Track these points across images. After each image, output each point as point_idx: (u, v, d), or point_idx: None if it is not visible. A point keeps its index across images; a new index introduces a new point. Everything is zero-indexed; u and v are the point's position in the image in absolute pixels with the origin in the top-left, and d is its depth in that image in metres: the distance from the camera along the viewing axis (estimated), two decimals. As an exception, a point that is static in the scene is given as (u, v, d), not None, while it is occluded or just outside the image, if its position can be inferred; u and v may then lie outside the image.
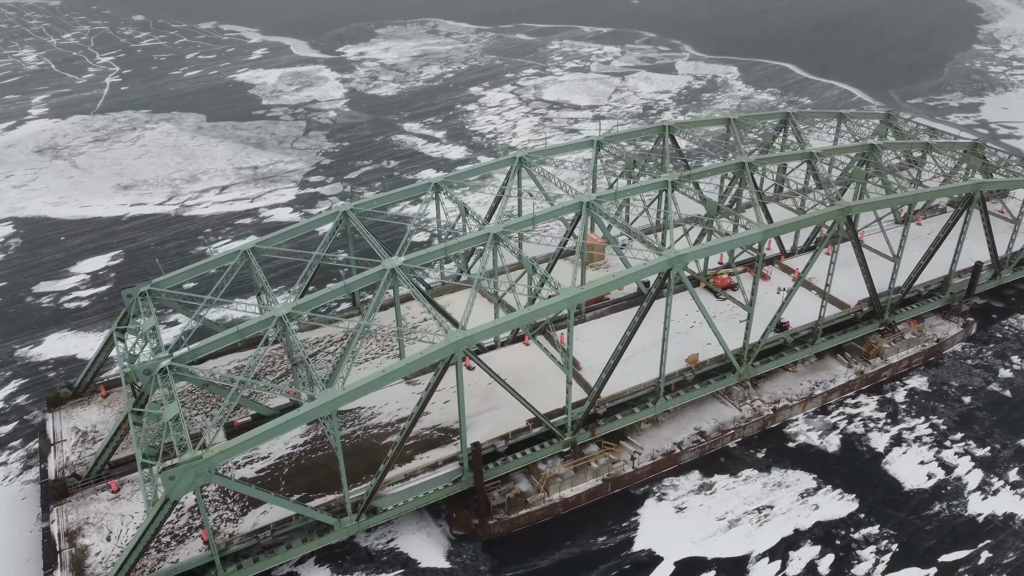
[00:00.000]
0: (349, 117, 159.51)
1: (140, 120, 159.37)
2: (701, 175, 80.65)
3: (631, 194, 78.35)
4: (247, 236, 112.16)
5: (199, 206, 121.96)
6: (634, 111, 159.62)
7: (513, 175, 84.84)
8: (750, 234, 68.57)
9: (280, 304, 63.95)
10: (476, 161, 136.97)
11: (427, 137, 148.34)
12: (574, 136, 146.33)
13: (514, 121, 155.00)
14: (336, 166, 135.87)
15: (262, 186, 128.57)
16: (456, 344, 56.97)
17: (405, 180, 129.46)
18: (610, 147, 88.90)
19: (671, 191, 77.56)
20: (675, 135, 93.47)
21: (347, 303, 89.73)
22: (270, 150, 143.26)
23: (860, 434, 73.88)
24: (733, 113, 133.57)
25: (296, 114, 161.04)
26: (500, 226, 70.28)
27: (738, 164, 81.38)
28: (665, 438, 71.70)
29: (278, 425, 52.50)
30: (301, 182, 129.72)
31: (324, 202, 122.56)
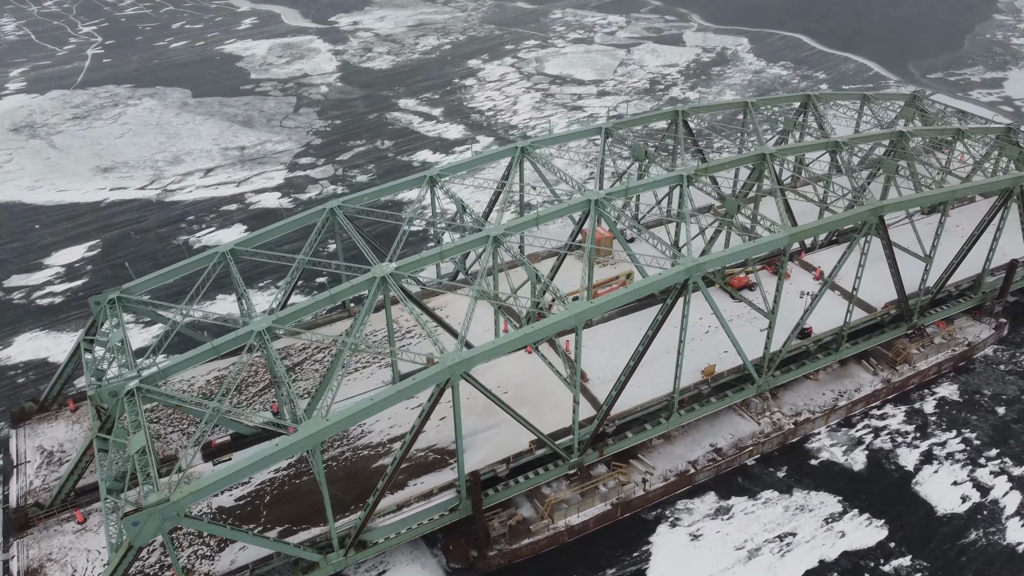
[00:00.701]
0: (341, 92, 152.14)
1: (122, 96, 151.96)
2: (719, 168, 74.39)
3: (644, 190, 72.20)
4: (232, 225, 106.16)
5: (182, 191, 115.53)
6: (640, 86, 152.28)
7: (515, 166, 78.41)
8: (774, 238, 62.63)
9: (259, 316, 58.25)
10: (475, 141, 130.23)
11: (423, 115, 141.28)
12: (578, 115, 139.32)
13: (515, 97, 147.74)
14: (327, 146, 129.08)
15: (249, 168, 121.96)
16: (453, 368, 51.46)
17: (399, 163, 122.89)
18: (619, 135, 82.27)
19: (687, 186, 71.42)
20: (688, 120, 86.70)
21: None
22: (258, 129, 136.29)
23: (887, 450, 68.75)
24: (750, 96, 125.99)
25: (286, 89, 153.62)
26: (501, 227, 64.33)
27: (758, 155, 75.11)
28: (679, 456, 66.58)
29: (253, 464, 47.17)
30: (290, 164, 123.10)
31: (314, 187, 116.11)
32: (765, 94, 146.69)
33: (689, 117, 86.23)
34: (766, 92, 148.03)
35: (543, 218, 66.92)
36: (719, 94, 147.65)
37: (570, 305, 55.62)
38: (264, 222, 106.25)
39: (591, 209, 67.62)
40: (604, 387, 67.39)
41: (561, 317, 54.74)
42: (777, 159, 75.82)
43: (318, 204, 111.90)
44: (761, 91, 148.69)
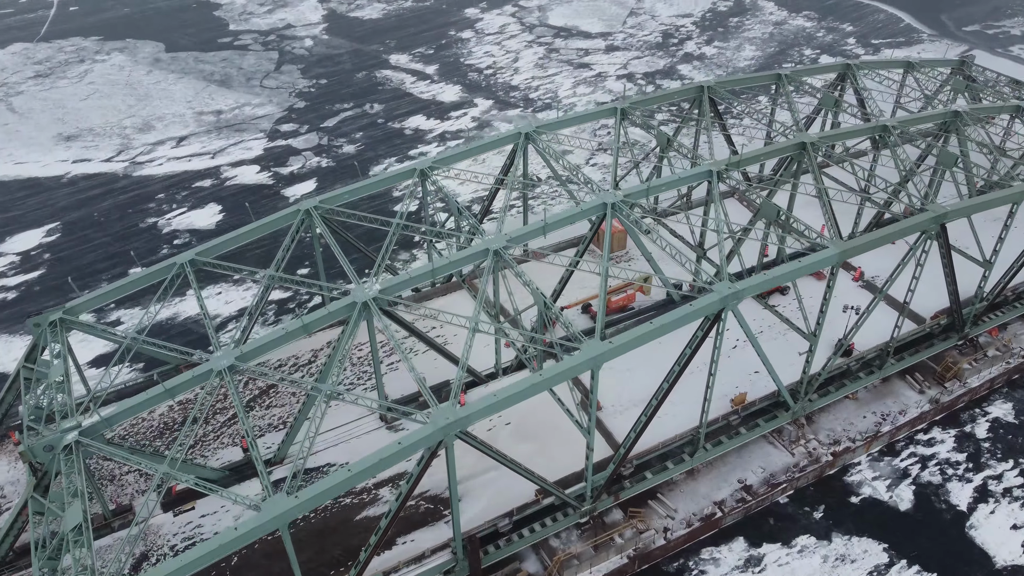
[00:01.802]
0: (328, 47, 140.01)
1: (89, 50, 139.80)
2: (752, 160, 64.80)
3: (667, 188, 62.68)
4: (206, 205, 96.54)
5: (152, 163, 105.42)
6: (652, 40, 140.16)
7: (519, 153, 68.62)
8: (823, 257, 53.60)
9: (220, 352, 49.71)
10: (472, 105, 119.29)
11: (416, 73, 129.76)
12: (584, 74, 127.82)
13: (516, 53, 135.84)
14: (311, 111, 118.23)
15: (225, 136, 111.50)
16: (446, 428, 43.22)
17: (390, 131, 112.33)
18: (636, 116, 72.17)
19: (716, 182, 61.99)
20: (715, 98, 76.44)
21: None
22: (236, 89, 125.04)
23: (937, 485, 61.16)
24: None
25: (267, 43, 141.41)
26: (502, 238, 55.29)
27: (797, 144, 65.48)
28: (703, 495, 58.99)
29: (214, 549, 39.36)
30: (271, 131, 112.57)
31: (296, 159, 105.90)
32: (788, 48, 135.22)
33: (716, 94, 75.92)
34: (789, 46, 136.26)
35: (551, 226, 57.76)
36: (738, 49, 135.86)
37: (585, 346, 47.03)
38: (241, 201, 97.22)
39: (607, 213, 58.50)
40: (619, 418, 59.56)
41: (573, 363, 46.30)
42: (820, 148, 66.04)
43: (299, 181, 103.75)
44: (783, 45, 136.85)
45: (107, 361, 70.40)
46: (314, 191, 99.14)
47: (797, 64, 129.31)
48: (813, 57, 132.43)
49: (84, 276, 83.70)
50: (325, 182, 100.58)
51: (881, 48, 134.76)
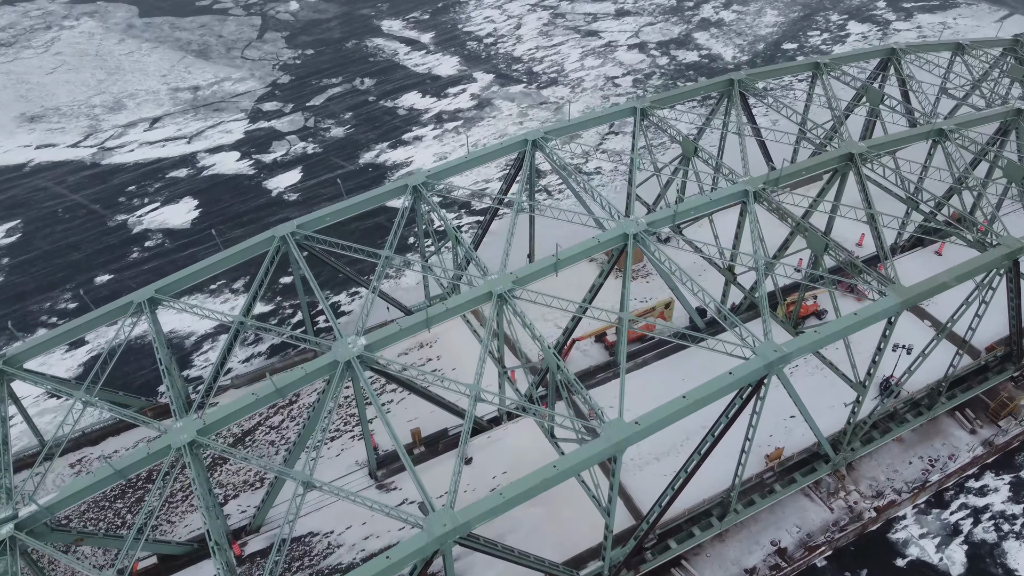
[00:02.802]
0: (315, 11, 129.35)
1: (57, 15, 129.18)
2: (793, 177, 56.58)
3: (697, 214, 54.59)
4: (180, 200, 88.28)
5: (122, 149, 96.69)
6: (666, 3, 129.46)
7: (526, 163, 60.37)
8: (884, 308, 46.06)
9: (180, 423, 42.65)
10: (471, 80, 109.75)
11: (411, 42, 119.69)
12: (592, 43, 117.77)
13: (518, 19, 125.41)
14: (297, 87, 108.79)
15: (203, 117, 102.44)
16: (443, 538, 36.40)
17: (382, 110, 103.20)
18: (657, 116, 63.55)
19: (752, 204, 54.11)
20: (747, 93, 67.65)
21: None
22: (215, 60, 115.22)
23: (992, 544, 54.84)
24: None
25: (250, 6, 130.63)
26: (507, 279, 47.72)
27: (843, 156, 57.39)
28: (732, 560, 52.67)
29: None
30: (252, 112, 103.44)
31: (280, 144, 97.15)
32: (813, 13, 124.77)
33: (748, 89, 67.11)
34: (814, 11, 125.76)
35: (564, 262, 50.06)
36: (758, 13, 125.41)
37: (606, 428, 39.88)
38: (219, 194, 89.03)
39: (628, 244, 50.81)
40: (638, 475, 53.11)
41: (593, 451, 39.22)
42: (868, 160, 57.85)
43: (283, 170, 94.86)
44: (808, 9, 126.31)
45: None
46: (298, 182, 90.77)
47: (824, 33, 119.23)
48: (840, 23, 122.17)
49: (45, 290, 76.23)
50: (311, 172, 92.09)
51: (914, 13, 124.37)
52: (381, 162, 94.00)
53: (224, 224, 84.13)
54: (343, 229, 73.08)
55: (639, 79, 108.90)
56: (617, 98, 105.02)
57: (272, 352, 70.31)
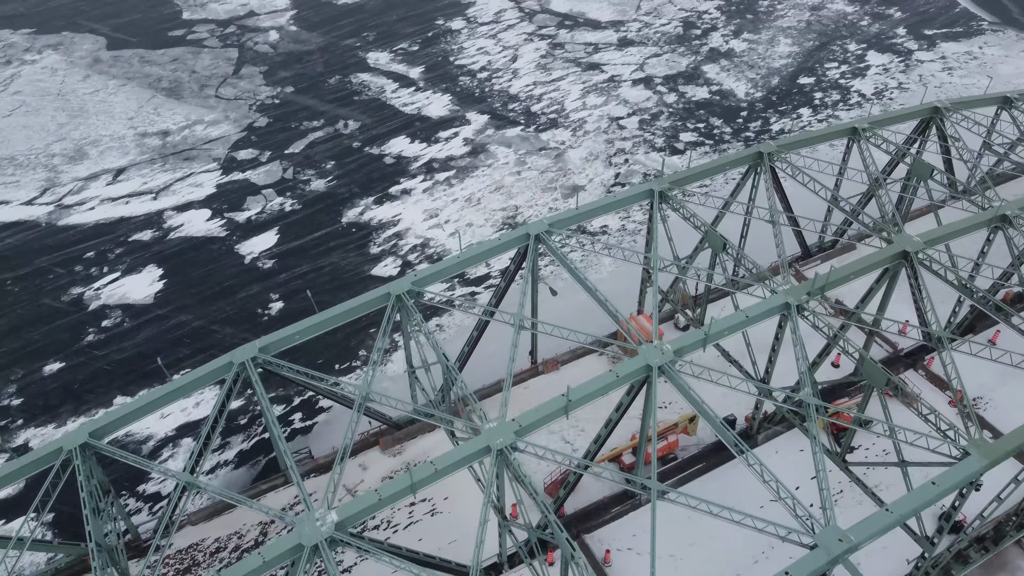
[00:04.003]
0: (296, 42, 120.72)
1: (18, 47, 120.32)
2: (841, 283, 48.54)
3: (733, 332, 46.41)
4: (142, 269, 79.87)
5: (82, 206, 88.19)
6: (671, 31, 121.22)
7: (528, 259, 52.11)
8: (968, 473, 38.04)
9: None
10: (464, 122, 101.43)
11: (399, 77, 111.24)
12: (594, 77, 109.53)
13: (514, 50, 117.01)
14: (275, 131, 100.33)
15: (172, 167, 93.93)
16: None
17: (367, 158, 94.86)
18: (678, 201, 55.34)
19: (795, 317, 46.15)
20: (778, 166, 59.54)
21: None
22: (187, 100, 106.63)
23: None
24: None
25: (226, 37, 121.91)
26: (508, 429, 39.73)
27: (895, 254, 49.49)
28: None
29: None
30: (226, 160, 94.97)
31: (255, 200, 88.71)
32: (829, 42, 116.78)
33: (777, 161, 58.98)
34: (830, 39, 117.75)
35: (576, 403, 41.90)
36: (771, 43, 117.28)
37: None
38: (186, 262, 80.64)
39: (652, 378, 42.75)
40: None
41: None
42: (923, 257, 49.86)
43: (258, 231, 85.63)
44: (823, 37, 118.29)
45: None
46: (274, 246, 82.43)
47: (842, 65, 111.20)
48: (859, 53, 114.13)
49: (-14, 382, 67.87)
50: (289, 234, 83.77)
51: (937, 41, 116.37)
52: (366, 220, 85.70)
53: (190, 300, 75.87)
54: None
55: (646, 120, 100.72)
56: (622, 142, 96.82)
57: (241, 460, 62.15)
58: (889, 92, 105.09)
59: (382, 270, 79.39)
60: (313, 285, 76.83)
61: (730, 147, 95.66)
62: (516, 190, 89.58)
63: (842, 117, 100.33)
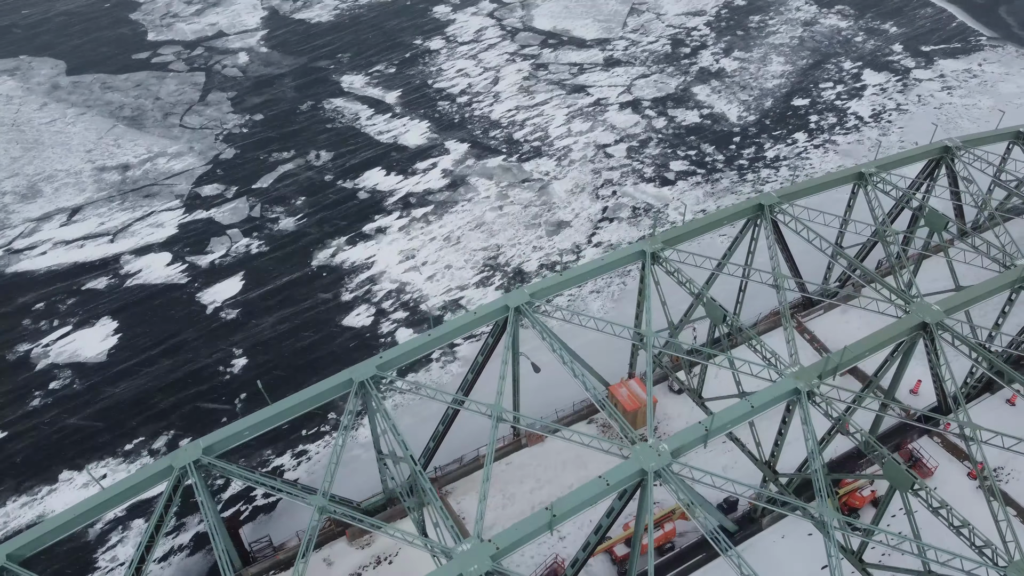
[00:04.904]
0: (266, 64, 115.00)
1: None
2: (856, 360, 43.73)
3: (736, 425, 41.40)
4: (96, 322, 74.26)
5: (33, 251, 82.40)
6: (660, 50, 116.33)
7: (507, 338, 46.91)
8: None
9: None
10: (444, 151, 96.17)
11: (374, 102, 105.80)
12: (579, 101, 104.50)
13: (495, 71, 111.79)
14: (242, 163, 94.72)
15: (131, 206, 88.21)
16: None
17: (341, 193, 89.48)
18: (670, 264, 50.29)
19: (806, 402, 41.34)
20: (779, 219, 54.62)
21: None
22: (150, 130, 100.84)
23: None
24: (865, 165, 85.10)
25: (192, 59, 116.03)
26: (484, 554, 34.60)
27: (914, 327, 44.67)
28: None
29: None
30: (189, 197, 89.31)
31: (219, 241, 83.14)
32: (824, 60, 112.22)
33: (777, 215, 54.10)
34: (824, 57, 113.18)
35: (562, 517, 36.75)
36: (763, 61, 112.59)
37: None
38: (143, 313, 75.04)
39: (647, 484, 37.72)
40: None
41: None
42: (943, 329, 45.04)
43: (222, 277, 79.33)
44: (817, 55, 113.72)
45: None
46: (239, 293, 76.94)
47: (837, 84, 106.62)
48: (854, 71, 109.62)
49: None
50: (255, 280, 78.29)
51: (935, 58, 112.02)
52: (338, 263, 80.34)
53: (145, 357, 70.31)
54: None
55: (634, 147, 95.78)
56: (609, 172, 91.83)
57: (197, 544, 56.60)
58: (887, 114, 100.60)
59: (355, 320, 74.02)
60: (278, 341, 71.50)
61: (723, 176, 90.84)
62: (498, 227, 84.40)
63: (839, 142, 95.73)
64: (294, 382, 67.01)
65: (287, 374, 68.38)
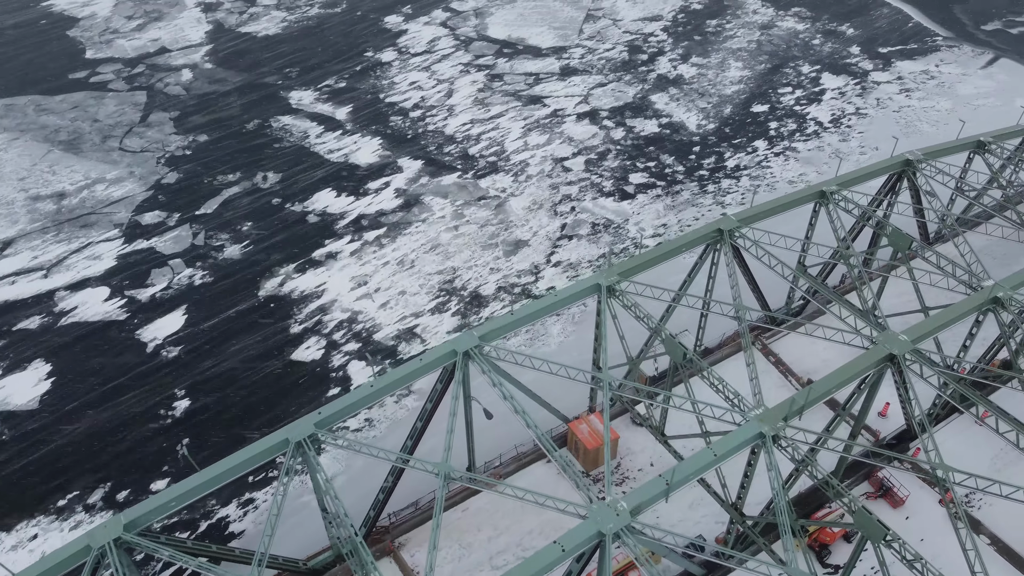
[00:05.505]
0: (211, 81, 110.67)
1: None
2: (823, 397, 41.67)
3: (697, 476, 39.02)
4: (27, 366, 69.99)
5: (-40, 290, 77.70)
6: (617, 57, 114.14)
7: (456, 379, 44.07)
8: None
9: None
10: (397, 170, 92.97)
11: (324, 119, 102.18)
12: (535, 112, 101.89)
13: (449, 83, 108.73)
14: (186, 188, 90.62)
15: (67, 237, 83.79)
16: None
17: (290, 216, 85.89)
18: (626, 298, 47.80)
19: (771, 447, 39.17)
20: (741, 244, 52.49)
21: None
22: (87, 155, 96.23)
23: None
24: (826, 183, 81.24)
25: (133, 77, 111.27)
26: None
27: (884, 358, 42.75)
28: None
29: None
30: (129, 226, 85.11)
31: (160, 273, 79.14)
32: (782, 65, 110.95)
33: (738, 239, 51.92)
34: (783, 61, 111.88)
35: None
36: (721, 67, 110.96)
37: None
38: (79, 355, 71.02)
39: (605, 546, 35.13)
40: None
41: None
42: (911, 359, 43.16)
43: (163, 311, 75.36)
44: (776, 59, 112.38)
45: None
46: (181, 328, 73.14)
47: (796, 89, 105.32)
48: (813, 75, 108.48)
49: None
50: (199, 313, 74.55)
51: (893, 60, 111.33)
52: (287, 292, 76.86)
53: (81, 403, 66.33)
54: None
55: (592, 159, 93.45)
56: (568, 187, 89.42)
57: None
58: (847, 119, 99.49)
59: (304, 353, 70.67)
60: (222, 379, 67.93)
61: (684, 188, 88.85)
62: (454, 248, 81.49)
63: (800, 149, 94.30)
64: (239, 425, 63.99)
65: (232, 415, 64.92)
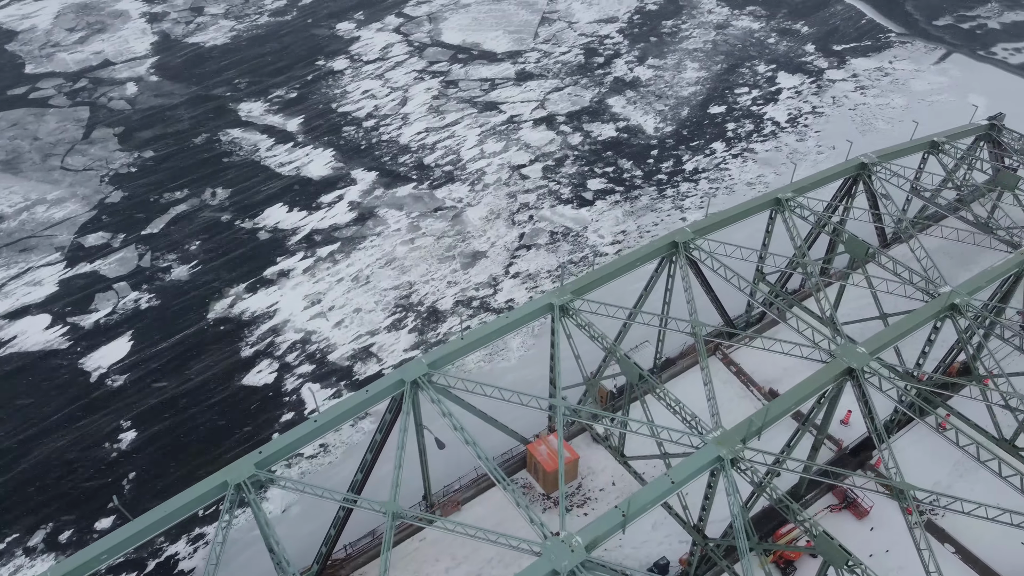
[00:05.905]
0: (157, 94, 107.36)
1: None
2: (783, 415, 40.70)
3: (653, 506, 37.72)
4: (-38, 402, 66.56)
5: None
6: (572, 60, 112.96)
7: (403, 418, 42.30)
8: None
9: None
10: (351, 181, 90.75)
11: (275, 131, 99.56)
12: (492, 119, 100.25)
13: (403, 91, 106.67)
14: (130, 206, 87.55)
15: (5, 261, 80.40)
16: None
17: (239, 234, 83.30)
18: (581, 319, 46.39)
19: (729, 470, 38.03)
20: (698, 258, 51.36)
21: None
22: (27, 175, 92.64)
23: None
24: (782, 191, 79.44)
25: (76, 93, 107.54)
26: None
27: (843, 372, 41.91)
28: None
29: None
30: (71, 249, 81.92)
31: (105, 298, 76.18)
32: (738, 64, 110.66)
33: (694, 251, 50.82)
34: (739, 61, 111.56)
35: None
36: (677, 68, 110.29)
37: None
38: (16, 389, 67.86)
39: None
40: None
41: None
42: (870, 372, 42.41)
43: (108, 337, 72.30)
44: (732, 59, 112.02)
45: None
46: (127, 355, 70.37)
47: (753, 89, 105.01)
48: (769, 75, 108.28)
49: None
50: (144, 339, 71.78)
51: (847, 58, 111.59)
52: (237, 314, 74.36)
53: (18, 439, 63.30)
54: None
55: (550, 166, 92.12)
56: (525, 195, 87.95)
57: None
58: (804, 118, 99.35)
59: (256, 378, 68.32)
60: (171, 408, 65.38)
61: (642, 193, 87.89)
62: (410, 262, 79.60)
63: (757, 150, 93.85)
64: (186, 454, 61.59)
65: (181, 445, 62.45)
